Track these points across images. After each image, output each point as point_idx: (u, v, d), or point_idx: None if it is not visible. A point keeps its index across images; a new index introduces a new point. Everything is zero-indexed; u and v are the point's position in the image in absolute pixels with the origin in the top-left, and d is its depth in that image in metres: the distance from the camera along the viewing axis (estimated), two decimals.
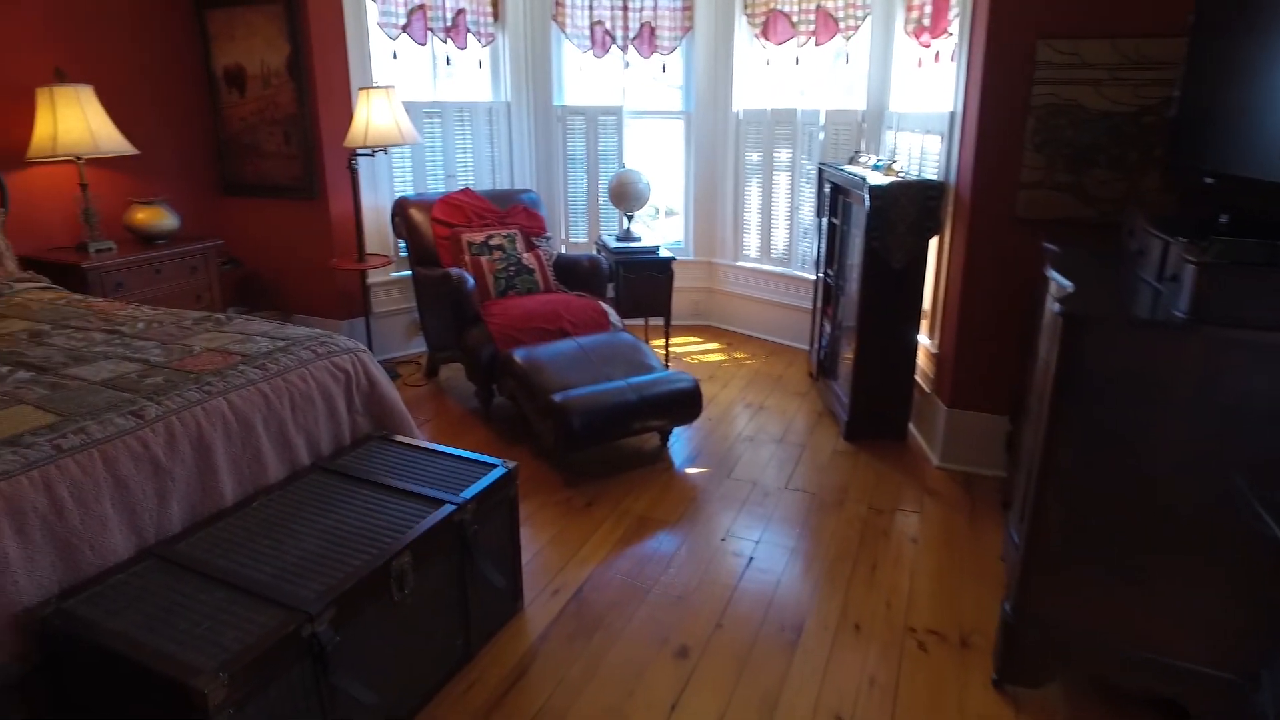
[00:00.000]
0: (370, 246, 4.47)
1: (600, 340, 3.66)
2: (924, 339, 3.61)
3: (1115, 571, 1.92)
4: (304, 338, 2.51)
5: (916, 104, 3.97)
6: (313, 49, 4.05)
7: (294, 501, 2.11)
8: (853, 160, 4.07)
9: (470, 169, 4.84)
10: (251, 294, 4.77)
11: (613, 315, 3.96)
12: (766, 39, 4.66)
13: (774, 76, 4.84)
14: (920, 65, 3.93)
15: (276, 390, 2.25)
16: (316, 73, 4.09)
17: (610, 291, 4.38)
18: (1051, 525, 1.96)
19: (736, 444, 3.64)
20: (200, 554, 1.87)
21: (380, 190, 4.49)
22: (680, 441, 3.65)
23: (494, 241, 4.17)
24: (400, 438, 2.53)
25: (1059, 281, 2.13)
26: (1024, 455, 2.46)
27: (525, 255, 4.16)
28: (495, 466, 2.32)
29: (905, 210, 3.33)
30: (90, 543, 1.80)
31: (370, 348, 4.29)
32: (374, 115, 3.80)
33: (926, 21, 3.74)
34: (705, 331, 5.31)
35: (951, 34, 3.44)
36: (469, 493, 2.16)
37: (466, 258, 4.07)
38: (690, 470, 3.40)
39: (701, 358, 4.81)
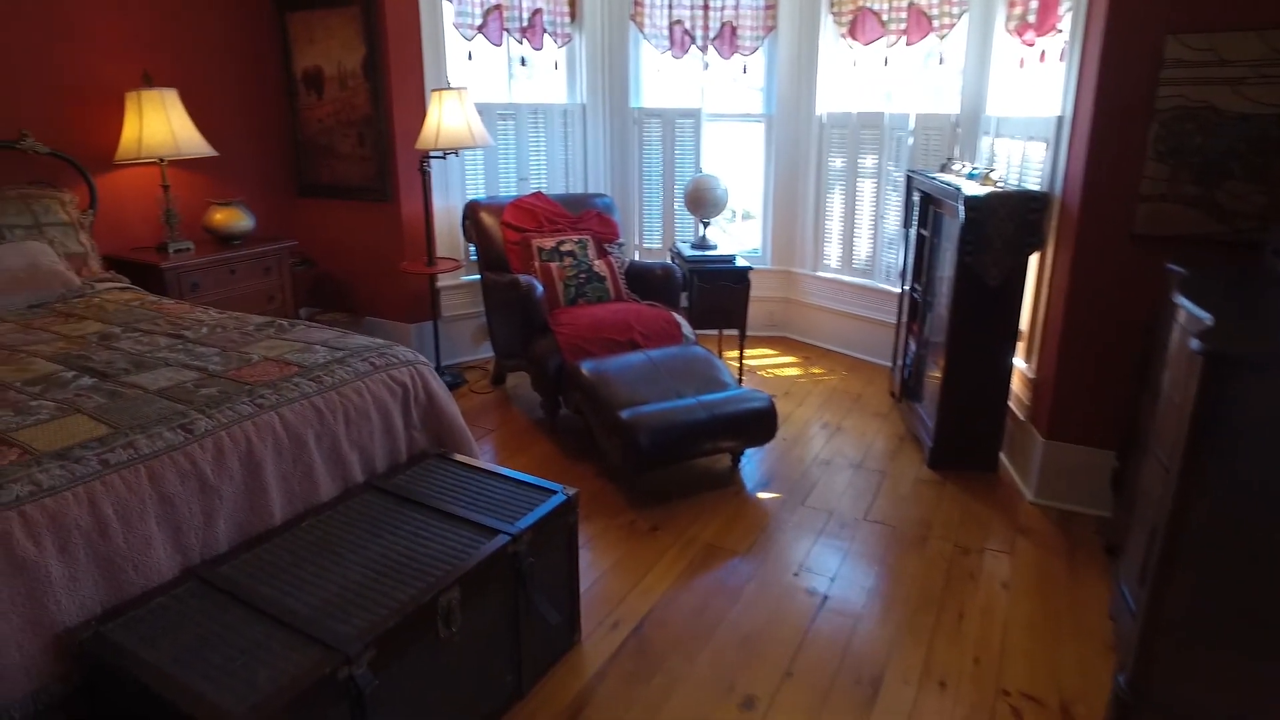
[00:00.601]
0: (441, 250, 4.42)
1: (672, 353, 3.50)
2: (1020, 362, 3.33)
3: (1256, 649, 1.66)
4: (363, 349, 2.43)
5: (1018, 108, 3.67)
6: (388, 50, 4.01)
7: (343, 523, 2.02)
8: (945, 168, 3.81)
9: (543, 172, 4.75)
10: (324, 295, 4.79)
11: (685, 327, 3.79)
12: (854, 39, 4.42)
13: (860, 78, 4.59)
14: (1023, 65, 3.63)
15: (330, 405, 2.16)
16: (391, 74, 4.05)
17: (683, 301, 4.21)
18: (1180, 590, 1.71)
19: (812, 468, 3.43)
20: (243, 578, 1.79)
21: (452, 193, 4.44)
22: (752, 463, 3.46)
23: (565, 248, 4.06)
24: (458, 456, 2.42)
25: (1193, 311, 1.86)
26: (1138, 499, 2.19)
27: (596, 262, 4.03)
28: (555, 493, 2.18)
29: (1003, 223, 3.06)
30: (134, 562, 1.73)
31: (437, 352, 4.24)
32: (445, 117, 3.73)
33: (1032, 18, 3.45)
34: (781, 344, 5.09)
35: (1061, 31, 3.15)
36: (525, 522, 2.02)
37: (536, 264, 3.97)
38: (762, 495, 3.20)
39: (777, 372, 4.60)
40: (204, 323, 2.73)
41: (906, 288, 3.97)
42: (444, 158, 4.06)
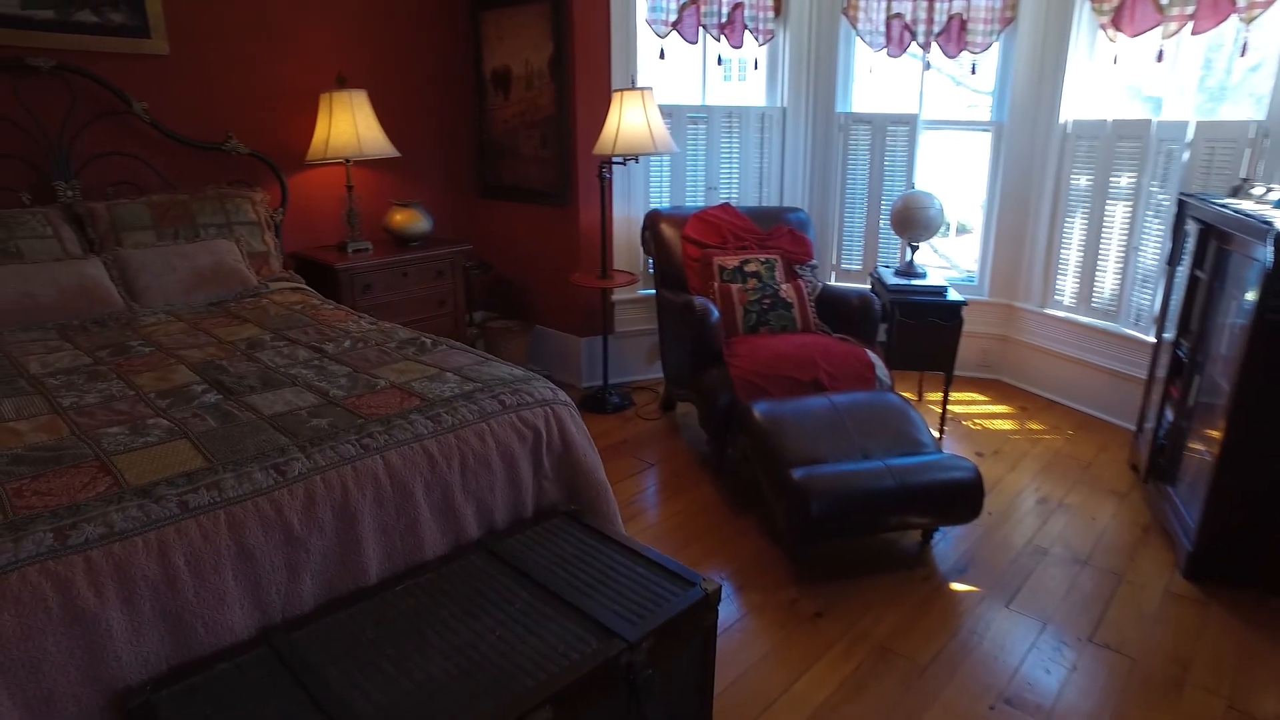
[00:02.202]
0: (619, 261, 4.16)
1: (860, 401, 2.98)
2: None
3: None
4: (496, 382, 2.15)
5: None
6: (575, 48, 3.78)
7: (441, 592, 1.74)
8: (1238, 192, 2.99)
9: (735, 182, 4.35)
10: (500, 299, 4.69)
11: (880, 368, 3.25)
12: (1118, 29, 3.63)
13: (1121, 78, 3.79)
14: None
15: (446, 450, 1.90)
16: (577, 73, 3.82)
17: (882, 334, 3.66)
18: None
19: (1022, 556, 2.79)
20: (315, 653, 1.54)
21: (634, 200, 4.15)
22: (948, 541, 2.87)
23: (749, 268, 3.64)
24: (590, 520, 2.08)
25: None
26: None
27: (784, 286, 3.58)
28: (692, 585, 1.78)
29: None
30: (204, 619, 1.54)
31: (605, 370, 3.97)
32: (626, 120, 3.43)
33: None
34: (994, 389, 4.36)
35: None
36: (648, 625, 1.64)
37: (715, 284, 3.58)
38: (956, 586, 2.62)
39: (986, 424, 3.91)
40: (350, 334, 2.60)
41: (1166, 338, 3.18)
42: (624, 164, 3.77)
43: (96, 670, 1.43)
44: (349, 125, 3.57)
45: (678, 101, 4.10)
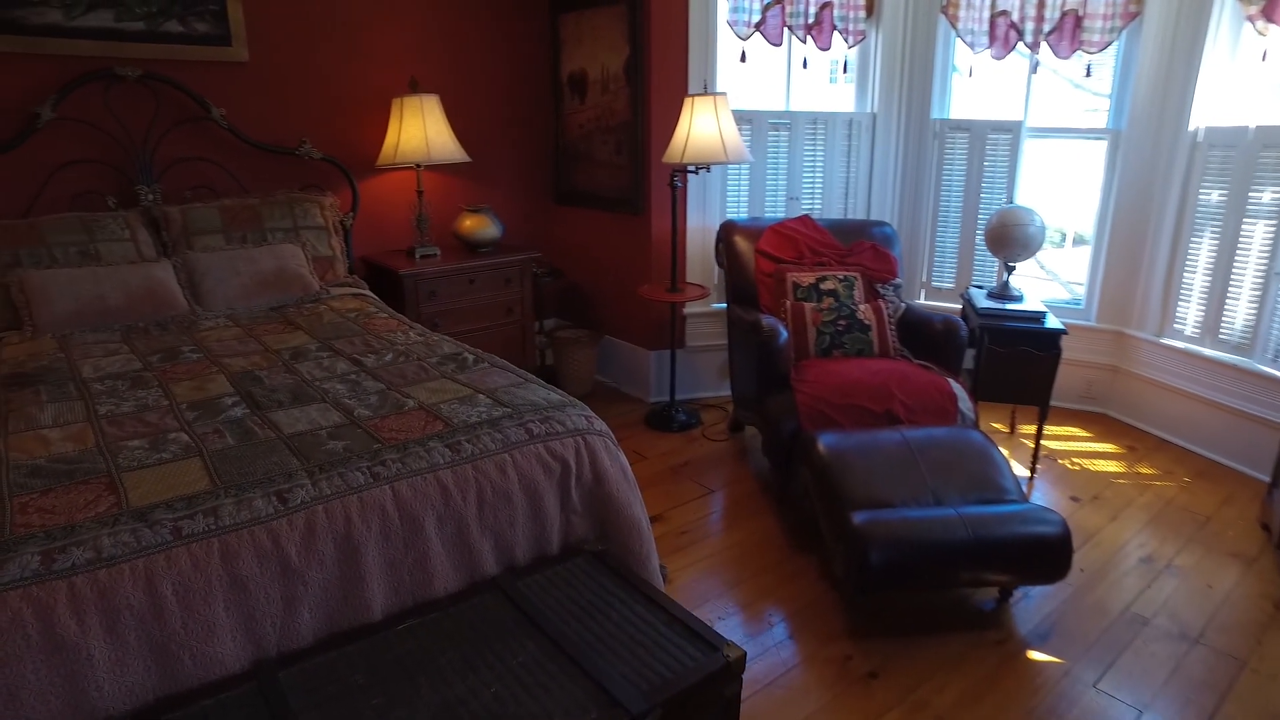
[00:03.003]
0: (691, 273, 3.99)
1: (937, 438, 2.72)
2: None
3: None
4: (528, 407, 2.03)
5: None
6: (651, 50, 3.64)
7: (444, 636, 1.62)
8: None
9: (818, 192, 4.11)
10: (571, 308, 4.60)
11: (963, 401, 2.97)
12: (1269, 20, 3.19)
13: (1270, 78, 3.34)
14: None
15: (462, 482, 1.78)
16: (652, 77, 3.67)
17: (968, 362, 3.36)
18: None
19: (1118, 626, 2.46)
20: (301, 696, 1.45)
21: (710, 210, 3.97)
22: (1029, 600, 2.57)
23: (826, 285, 3.40)
24: (619, 563, 1.93)
25: None
26: None
27: (862, 306, 3.32)
28: (715, 651, 1.60)
29: None
30: (191, 651, 1.48)
31: (673, 386, 3.82)
32: (696, 127, 3.26)
33: None
34: (1099, 424, 3.95)
35: None
36: (659, 696, 1.48)
37: (788, 302, 3.37)
38: (1035, 655, 2.33)
39: (1087, 464, 3.53)
40: (395, 347, 2.54)
41: None
42: (695, 173, 3.60)
43: (78, 700, 1.39)
44: (418, 130, 3.54)
45: (759, 107, 3.90)
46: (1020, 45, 3.72)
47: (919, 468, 2.56)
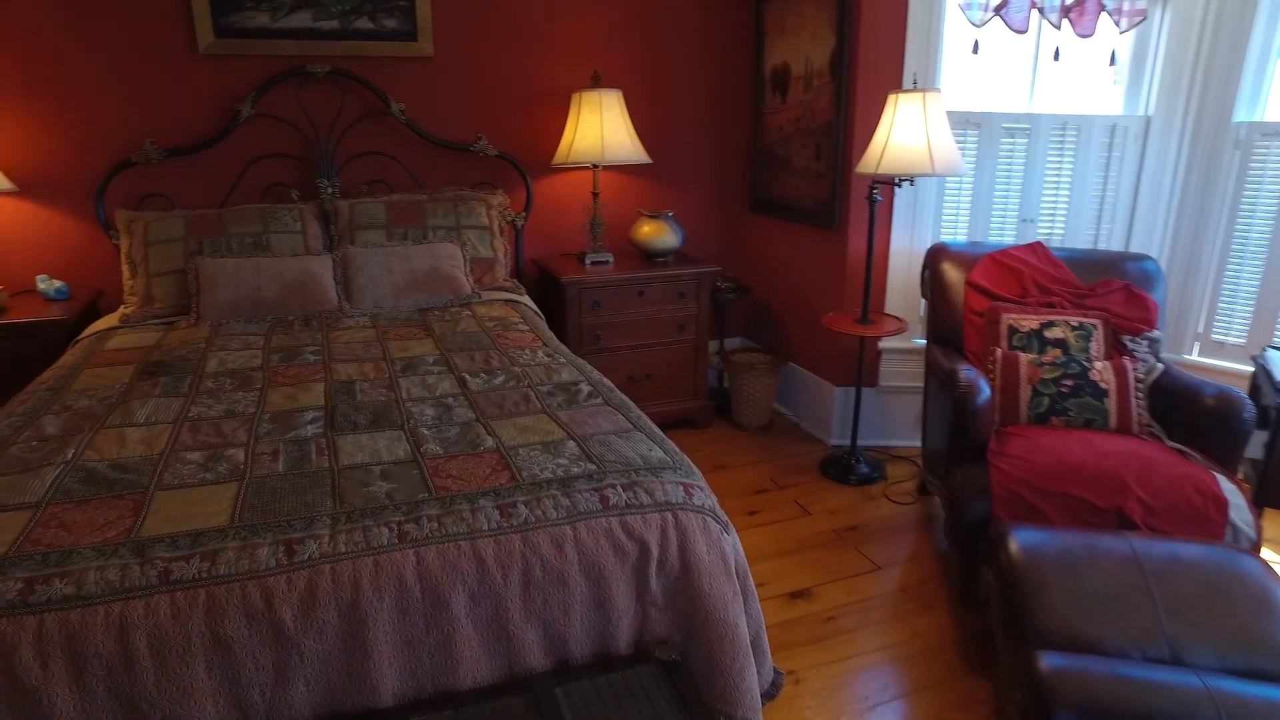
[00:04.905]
0: (892, 302, 3.42)
1: (1188, 559, 1.99)
2: None
3: None
4: (617, 467, 1.67)
5: None
6: (859, 40, 3.11)
7: None
8: None
9: (1060, 215, 3.34)
10: (756, 328, 4.17)
11: (1237, 509, 2.18)
12: None
13: None
14: None
15: (505, 555, 1.46)
16: (859, 71, 3.14)
17: (1251, 451, 2.50)
18: None
19: None
20: None
21: (920, 228, 3.36)
22: None
23: (1053, 332, 2.71)
24: (695, 679, 1.53)
25: None
26: None
27: (1099, 364, 2.59)
28: None
29: None
30: (163, 710, 1.29)
31: (855, 429, 3.28)
32: (897, 132, 2.70)
33: None
34: None
35: None
36: None
37: (999, 350, 2.71)
38: None
39: None
40: (511, 367, 2.29)
41: None
42: (898, 185, 3.03)
43: None
44: (594, 128, 3.30)
45: (990, 109, 3.22)
46: None
47: (1152, 600, 1.87)
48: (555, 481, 1.61)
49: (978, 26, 3.08)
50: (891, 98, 2.77)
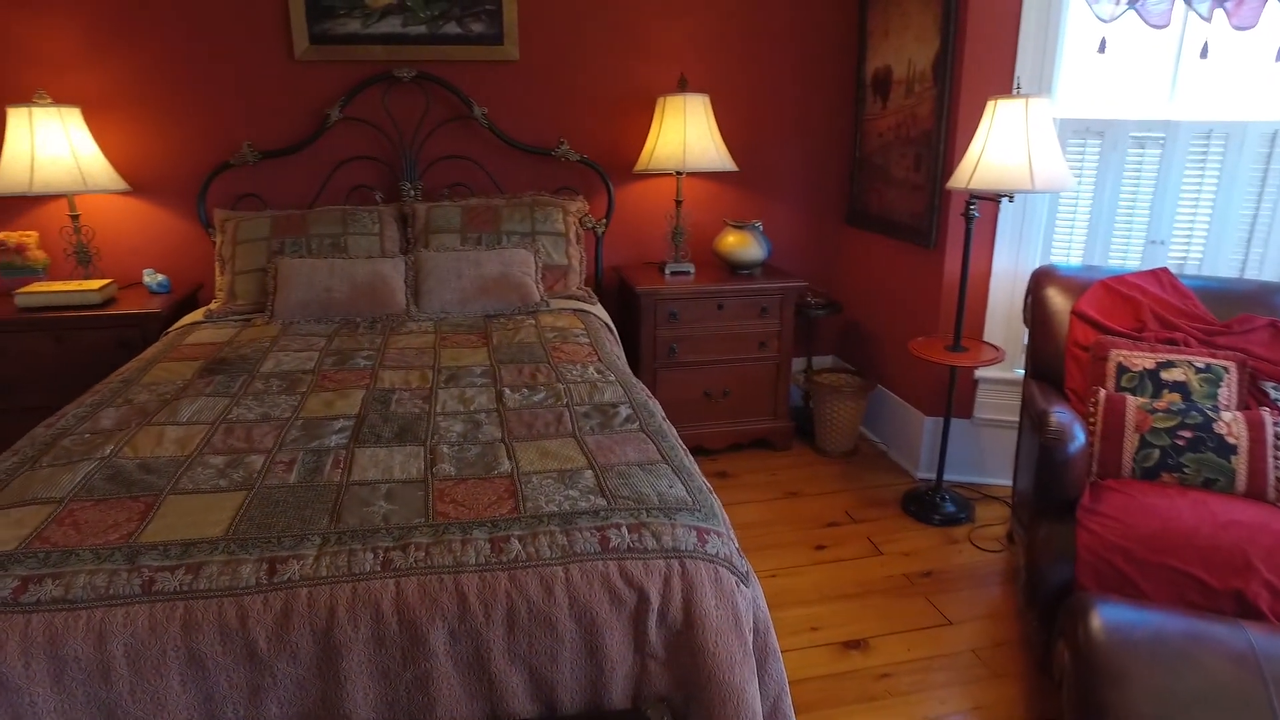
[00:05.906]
0: (992, 328, 3.13)
1: None
2: None
3: None
4: (629, 503, 1.56)
5: None
6: (965, 39, 2.84)
7: None
8: None
9: (1197, 237, 2.95)
10: (848, 348, 3.94)
11: None
12: None
13: None
14: None
15: (488, 593, 1.38)
16: (963, 73, 2.88)
17: None
18: None
19: None
20: None
21: (1027, 246, 3.06)
22: None
23: (1172, 374, 2.37)
24: None
25: None
26: None
27: (1227, 415, 2.24)
28: None
29: None
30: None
31: (941, 462, 3.02)
32: (994, 142, 2.44)
33: None
34: None
35: None
36: None
37: (1104, 390, 2.40)
38: None
39: None
40: (557, 382, 2.21)
41: None
42: (995, 201, 2.75)
43: None
44: (677, 133, 3.18)
45: (1114, 115, 2.87)
46: None
47: (1272, 713, 1.58)
48: (558, 516, 1.52)
49: (1106, 22, 2.75)
50: (989, 104, 2.50)
